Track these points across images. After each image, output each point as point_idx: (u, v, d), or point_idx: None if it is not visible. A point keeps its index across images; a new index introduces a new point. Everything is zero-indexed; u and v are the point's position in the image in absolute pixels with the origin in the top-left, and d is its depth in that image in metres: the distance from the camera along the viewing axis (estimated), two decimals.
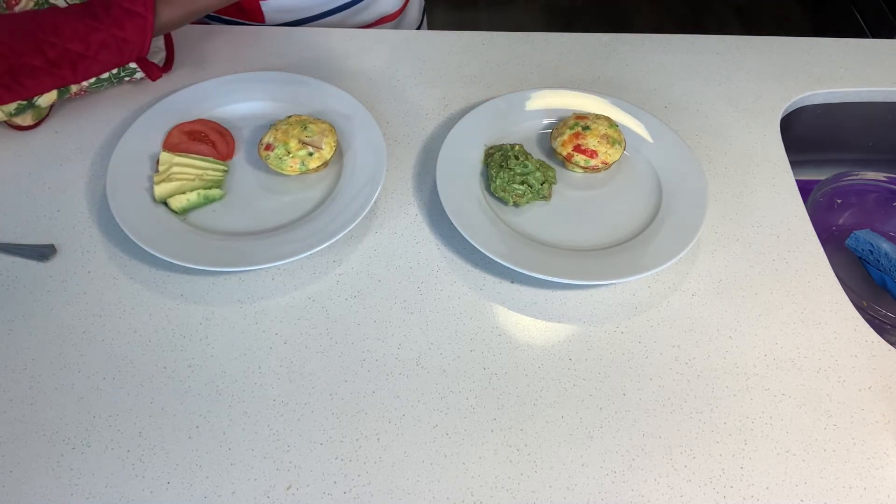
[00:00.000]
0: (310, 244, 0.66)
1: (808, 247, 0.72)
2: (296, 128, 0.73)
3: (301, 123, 0.73)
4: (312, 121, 0.74)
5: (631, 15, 2.43)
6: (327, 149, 0.73)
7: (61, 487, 0.54)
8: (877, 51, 0.95)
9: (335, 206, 0.71)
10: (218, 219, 0.70)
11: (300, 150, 0.71)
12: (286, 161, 0.72)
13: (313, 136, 0.72)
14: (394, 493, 0.55)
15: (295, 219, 0.71)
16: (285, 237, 0.68)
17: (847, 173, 0.87)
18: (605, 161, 0.74)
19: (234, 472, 0.55)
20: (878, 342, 0.65)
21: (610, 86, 0.88)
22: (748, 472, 0.57)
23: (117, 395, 0.59)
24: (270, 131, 0.74)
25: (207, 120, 0.78)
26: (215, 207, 0.71)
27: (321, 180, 0.74)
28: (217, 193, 0.71)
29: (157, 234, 0.67)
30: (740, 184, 0.78)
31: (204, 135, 0.76)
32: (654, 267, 0.66)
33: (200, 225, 0.70)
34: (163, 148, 0.75)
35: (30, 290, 0.65)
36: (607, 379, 0.62)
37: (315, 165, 0.72)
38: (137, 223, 0.67)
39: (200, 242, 0.67)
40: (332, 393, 0.60)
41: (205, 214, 0.70)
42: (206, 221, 0.70)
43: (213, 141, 0.76)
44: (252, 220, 0.70)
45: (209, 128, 0.77)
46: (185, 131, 0.76)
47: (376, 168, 0.73)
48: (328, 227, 0.68)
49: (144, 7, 0.73)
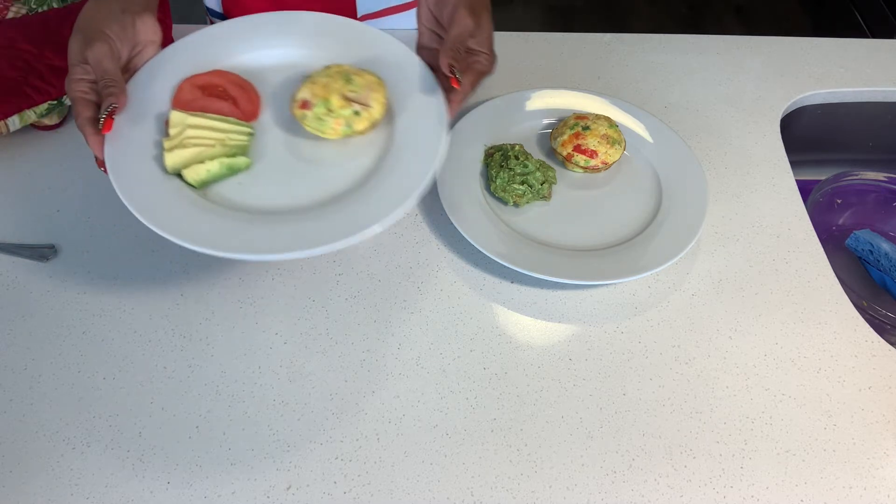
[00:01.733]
0: (360, 224, 0.54)
1: (808, 247, 0.72)
2: (337, 81, 0.60)
3: (343, 75, 0.60)
4: (356, 72, 0.61)
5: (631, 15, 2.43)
6: (376, 106, 0.60)
7: (61, 487, 0.54)
8: (877, 51, 0.95)
9: (390, 178, 0.58)
10: (245, 192, 0.58)
11: (344, 109, 0.59)
12: (327, 122, 0.59)
13: (359, 90, 0.59)
14: (394, 493, 0.55)
15: (339, 193, 0.58)
16: (330, 217, 0.56)
17: (847, 173, 0.87)
18: (605, 161, 0.74)
19: (234, 472, 0.55)
20: (878, 342, 0.65)
21: (610, 86, 0.88)
22: (748, 472, 0.57)
23: (117, 395, 0.59)
24: (306, 85, 0.60)
25: (225, 71, 0.64)
26: (241, 179, 0.59)
27: (368, 145, 0.61)
28: (243, 162, 0.59)
29: (173, 213, 0.55)
30: (740, 184, 0.78)
31: (222, 89, 0.63)
32: (654, 267, 0.66)
33: (224, 201, 0.57)
34: (172, 106, 0.61)
35: (30, 290, 0.65)
36: (607, 379, 0.62)
37: (362, 127, 0.60)
38: (146, 199, 0.55)
39: (228, 223, 0.55)
40: (332, 393, 0.60)
41: (228, 188, 0.58)
42: (231, 196, 0.58)
43: (233, 97, 0.63)
44: (287, 195, 0.58)
45: (228, 81, 0.63)
46: (198, 85, 0.62)
47: (434, 133, 0.59)
48: (381, 204, 0.56)
49: (162, 12, 0.76)
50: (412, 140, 0.60)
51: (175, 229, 0.53)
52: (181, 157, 0.57)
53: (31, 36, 0.77)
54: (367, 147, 0.61)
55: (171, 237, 0.52)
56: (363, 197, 0.57)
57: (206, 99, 0.61)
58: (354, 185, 0.58)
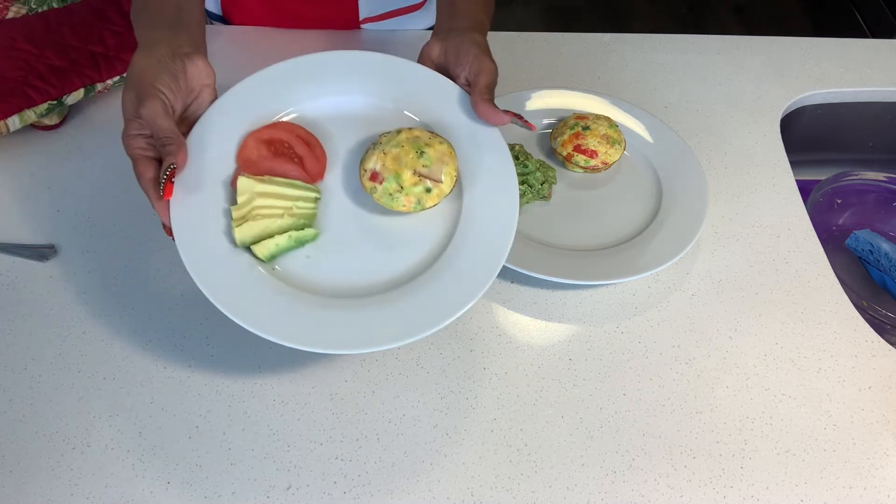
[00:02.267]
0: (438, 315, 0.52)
1: (808, 247, 0.72)
2: (410, 152, 0.56)
3: (415, 146, 0.57)
4: (428, 140, 0.57)
5: (631, 15, 2.43)
6: (447, 181, 0.57)
7: (61, 487, 0.54)
8: (877, 51, 0.95)
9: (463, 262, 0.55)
10: (313, 269, 0.55)
11: (416, 186, 0.56)
12: (398, 199, 0.57)
13: (431, 164, 0.56)
14: (394, 493, 0.55)
15: (410, 273, 0.56)
16: (404, 302, 0.54)
17: (847, 173, 0.87)
18: (605, 161, 0.74)
19: (234, 472, 0.55)
20: (878, 342, 0.65)
21: (610, 86, 0.88)
22: (748, 472, 0.57)
23: (117, 395, 0.59)
24: (376, 153, 0.57)
25: (290, 123, 0.60)
26: (308, 252, 0.56)
27: (438, 217, 0.59)
28: (311, 234, 0.56)
29: (246, 297, 0.52)
30: (740, 184, 0.78)
31: (288, 146, 0.58)
32: (654, 267, 0.66)
33: (293, 279, 0.55)
34: (239, 166, 0.57)
35: (30, 290, 0.65)
36: (607, 379, 0.62)
37: (432, 204, 0.58)
38: (217, 279, 0.52)
39: (301, 308, 0.53)
40: (332, 393, 0.60)
41: (296, 263, 0.56)
42: (300, 273, 0.55)
43: (300, 155, 0.58)
44: (355, 273, 0.56)
45: (293, 136, 0.59)
46: (263, 141, 0.58)
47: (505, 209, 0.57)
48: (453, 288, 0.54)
49: None
50: (484, 216, 0.57)
51: (248, 317, 0.51)
52: (251, 232, 0.54)
53: (31, 36, 0.77)
54: (435, 223, 0.58)
55: (245, 324, 0.51)
56: (436, 283, 0.54)
57: (273, 159, 0.57)
58: (425, 266, 0.56)
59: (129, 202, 0.72)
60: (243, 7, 0.92)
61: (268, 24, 0.92)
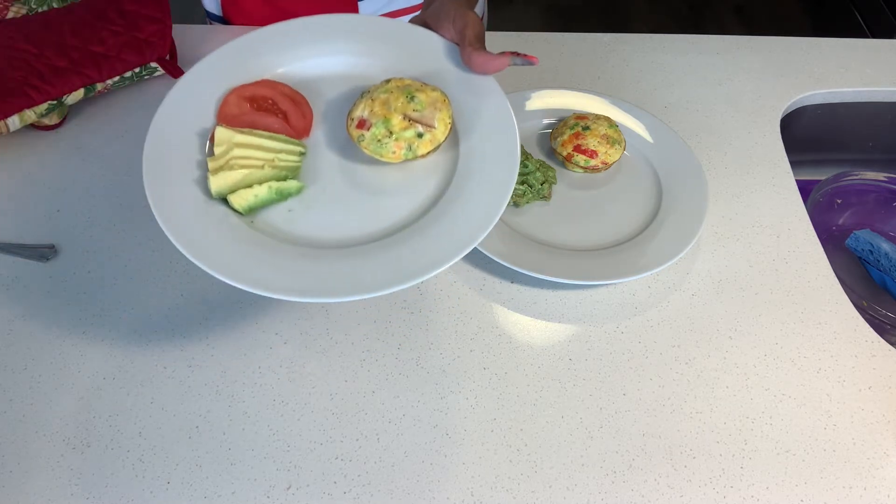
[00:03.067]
0: (418, 268, 0.49)
1: (808, 247, 0.72)
2: (399, 97, 0.54)
3: (405, 91, 0.55)
4: (419, 87, 0.55)
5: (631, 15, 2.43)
6: (441, 127, 0.54)
7: (61, 487, 0.54)
8: (877, 51, 0.95)
9: (456, 210, 0.53)
10: (295, 222, 0.53)
11: (406, 130, 0.54)
12: (387, 144, 0.54)
13: (423, 109, 0.54)
14: (394, 493, 0.55)
15: (398, 226, 0.53)
16: (389, 256, 0.50)
17: (847, 173, 0.87)
18: (605, 161, 0.74)
19: (234, 472, 0.55)
20: (878, 342, 0.65)
21: (610, 86, 0.88)
22: (748, 472, 0.57)
23: (117, 395, 0.59)
24: (363, 101, 0.55)
25: (274, 81, 0.59)
26: (291, 205, 0.54)
27: (430, 171, 0.56)
28: (294, 186, 0.54)
29: (219, 247, 0.50)
30: (740, 184, 0.78)
31: (272, 102, 0.57)
32: (654, 267, 0.66)
33: (273, 231, 0.52)
34: (217, 121, 0.56)
35: (30, 290, 0.65)
36: (607, 379, 0.62)
37: (425, 151, 0.55)
38: (189, 230, 0.50)
39: (278, 260, 0.50)
40: (332, 393, 0.60)
41: (277, 215, 0.53)
42: (280, 225, 0.53)
43: (284, 111, 0.57)
44: (340, 227, 0.53)
45: (278, 92, 0.58)
46: (246, 97, 0.57)
47: (506, 162, 0.54)
48: (447, 238, 0.51)
49: (162, 13, 0.79)
50: (481, 167, 0.54)
51: (221, 266, 0.48)
52: (227, 181, 0.52)
53: (32, 36, 0.77)
54: (429, 173, 0.55)
55: (217, 274, 0.47)
56: (423, 235, 0.51)
57: (255, 113, 0.56)
58: (414, 218, 0.53)
59: (129, 202, 0.72)
60: (243, 7, 0.92)
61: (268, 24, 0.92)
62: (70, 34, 0.78)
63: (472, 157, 0.55)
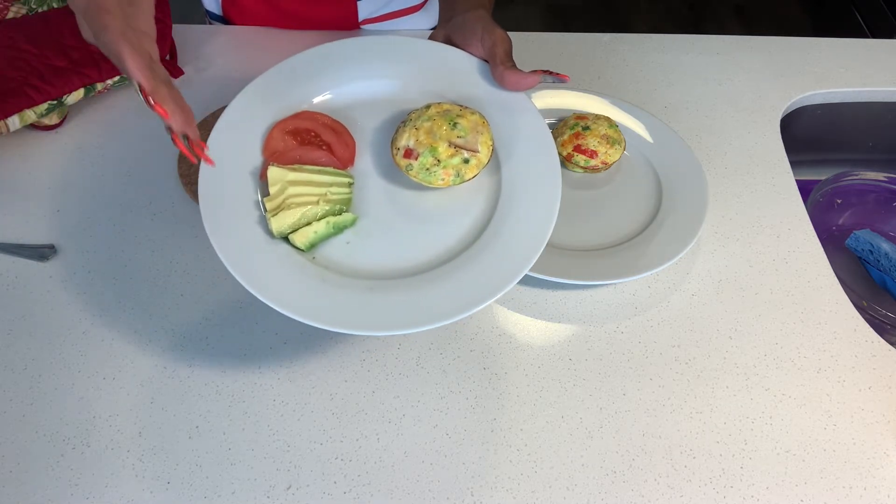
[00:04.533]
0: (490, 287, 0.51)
1: (808, 247, 0.72)
2: (442, 125, 0.55)
3: (447, 118, 0.55)
4: (459, 111, 0.56)
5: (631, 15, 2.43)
6: (484, 150, 0.56)
7: (61, 487, 0.54)
8: (877, 51, 0.95)
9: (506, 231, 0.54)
10: (354, 254, 0.54)
11: (453, 158, 0.55)
12: (436, 173, 0.55)
13: (466, 135, 0.55)
14: (394, 493, 0.55)
15: (456, 249, 0.54)
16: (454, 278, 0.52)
17: (847, 173, 0.87)
18: (605, 161, 0.74)
19: (234, 472, 0.55)
20: (878, 342, 0.65)
21: (610, 86, 0.88)
22: (748, 472, 0.57)
23: (117, 395, 0.59)
24: (407, 130, 0.56)
25: (314, 112, 0.59)
26: (348, 237, 0.55)
27: (476, 193, 0.57)
28: (349, 219, 0.55)
29: (290, 287, 0.51)
30: (740, 184, 0.78)
31: (315, 134, 0.58)
32: (654, 267, 0.66)
33: (336, 265, 0.53)
34: (265, 157, 0.57)
35: (30, 290, 0.65)
36: (607, 379, 0.62)
37: (472, 175, 0.56)
38: (258, 272, 0.51)
39: (346, 296, 0.51)
40: (332, 393, 0.60)
41: (336, 249, 0.55)
42: (340, 259, 0.54)
43: (327, 142, 0.58)
44: (400, 254, 0.54)
45: (319, 124, 0.58)
46: (289, 131, 0.58)
47: (549, 178, 0.55)
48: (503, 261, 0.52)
49: (162, 13, 0.79)
50: (525, 185, 0.55)
51: (296, 306, 0.49)
52: (288, 221, 0.53)
53: (32, 36, 0.77)
54: (473, 193, 0.57)
55: (295, 315, 0.49)
56: (479, 260, 0.53)
57: (301, 148, 0.57)
58: (468, 242, 0.55)
59: (129, 202, 0.72)
60: (243, 7, 0.92)
61: (268, 24, 0.92)
62: (70, 34, 0.78)
63: (516, 177, 0.57)
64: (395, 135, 0.57)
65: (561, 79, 0.57)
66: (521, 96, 0.59)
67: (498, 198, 0.57)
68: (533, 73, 0.57)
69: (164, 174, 0.74)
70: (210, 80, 0.84)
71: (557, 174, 0.56)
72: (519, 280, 0.51)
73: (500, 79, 0.58)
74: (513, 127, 0.58)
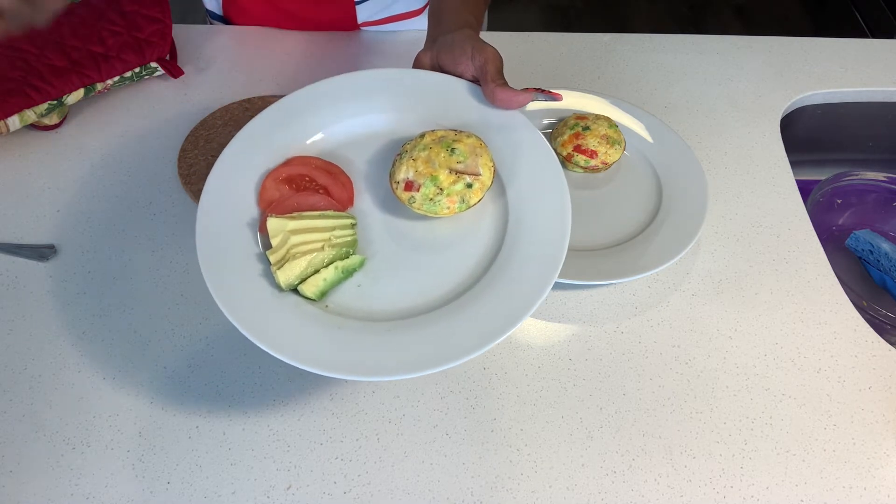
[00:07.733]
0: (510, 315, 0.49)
1: (808, 247, 0.72)
2: (439, 152, 0.53)
3: (444, 144, 0.54)
4: (455, 136, 0.55)
5: (631, 15, 2.43)
6: (486, 172, 0.54)
7: (61, 487, 0.54)
8: (877, 51, 0.95)
9: (518, 256, 0.52)
10: (367, 297, 0.52)
11: (456, 184, 0.53)
12: (440, 202, 0.53)
13: (465, 159, 0.53)
14: (394, 493, 0.55)
15: (470, 279, 0.53)
16: (473, 309, 0.50)
17: (847, 173, 0.87)
18: (605, 161, 0.74)
19: (234, 472, 0.55)
20: (878, 342, 0.65)
21: (610, 86, 0.88)
22: (748, 472, 0.57)
23: (117, 395, 0.59)
24: (405, 162, 0.54)
25: (305, 157, 0.58)
26: (358, 280, 0.53)
27: (480, 219, 0.55)
28: (357, 261, 0.53)
29: (306, 341, 0.48)
30: (740, 184, 0.78)
31: (309, 179, 0.56)
32: (654, 267, 0.66)
33: (351, 311, 0.51)
34: (261, 208, 0.55)
35: (30, 290, 0.65)
36: (607, 379, 0.62)
37: (476, 200, 0.54)
38: (274, 331, 0.48)
39: (371, 339, 0.49)
40: (332, 393, 0.60)
41: (348, 294, 0.53)
42: (354, 303, 0.52)
43: (323, 185, 0.56)
44: (413, 292, 0.52)
45: (312, 167, 0.57)
46: (282, 179, 0.56)
47: (555, 196, 0.54)
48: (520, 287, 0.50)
49: (162, 13, 0.80)
50: (533, 205, 0.54)
51: (322, 361, 0.47)
52: (294, 272, 0.51)
53: (32, 36, 0.77)
54: (478, 217, 0.55)
55: (316, 370, 0.46)
56: (495, 289, 0.51)
57: (297, 195, 0.55)
58: (481, 271, 0.53)
59: (129, 202, 0.72)
60: (243, 7, 0.92)
61: (268, 24, 0.92)
62: (70, 34, 0.78)
63: (522, 196, 0.55)
64: (392, 168, 0.56)
65: (553, 97, 0.57)
66: (514, 114, 0.58)
67: (507, 220, 0.55)
68: (525, 91, 0.56)
69: (164, 174, 0.74)
70: (210, 80, 0.84)
71: (565, 189, 0.54)
72: (539, 304, 0.49)
73: (491, 96, 0.56)
74: (511, 145, 0.57)
